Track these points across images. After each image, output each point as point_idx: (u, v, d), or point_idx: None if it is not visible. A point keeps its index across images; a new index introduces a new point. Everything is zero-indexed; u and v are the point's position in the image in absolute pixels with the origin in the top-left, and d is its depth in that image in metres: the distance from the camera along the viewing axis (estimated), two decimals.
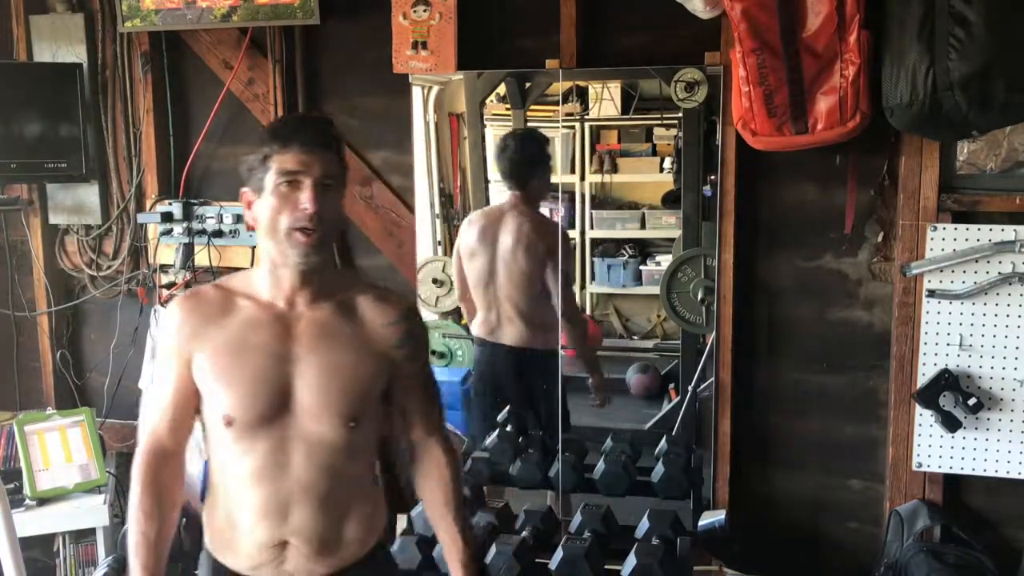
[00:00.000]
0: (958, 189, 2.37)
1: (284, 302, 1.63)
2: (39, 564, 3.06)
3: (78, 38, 3.05)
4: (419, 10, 2.65)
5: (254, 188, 1.60)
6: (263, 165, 1.57)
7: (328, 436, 1.61)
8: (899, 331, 2.42)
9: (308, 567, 1.66)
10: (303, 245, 1.56)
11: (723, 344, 2.55)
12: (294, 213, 1.55)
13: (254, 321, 1.62)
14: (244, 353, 1.61)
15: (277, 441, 1.61)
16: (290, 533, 1.63)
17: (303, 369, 1.61)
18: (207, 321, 1.63)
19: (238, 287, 1.67)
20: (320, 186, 1.56)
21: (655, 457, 2.71)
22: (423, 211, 2.92)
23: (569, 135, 3.04)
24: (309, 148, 1.55)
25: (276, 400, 1.60)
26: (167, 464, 1.69)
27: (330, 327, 1.63)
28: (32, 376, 3.29)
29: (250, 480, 1.62)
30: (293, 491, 1.62)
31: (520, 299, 2.94)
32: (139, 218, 3.07)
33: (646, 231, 3.12)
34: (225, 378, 1.61)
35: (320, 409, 1.61)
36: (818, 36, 2.18)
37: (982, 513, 2.46)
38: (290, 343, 1.61)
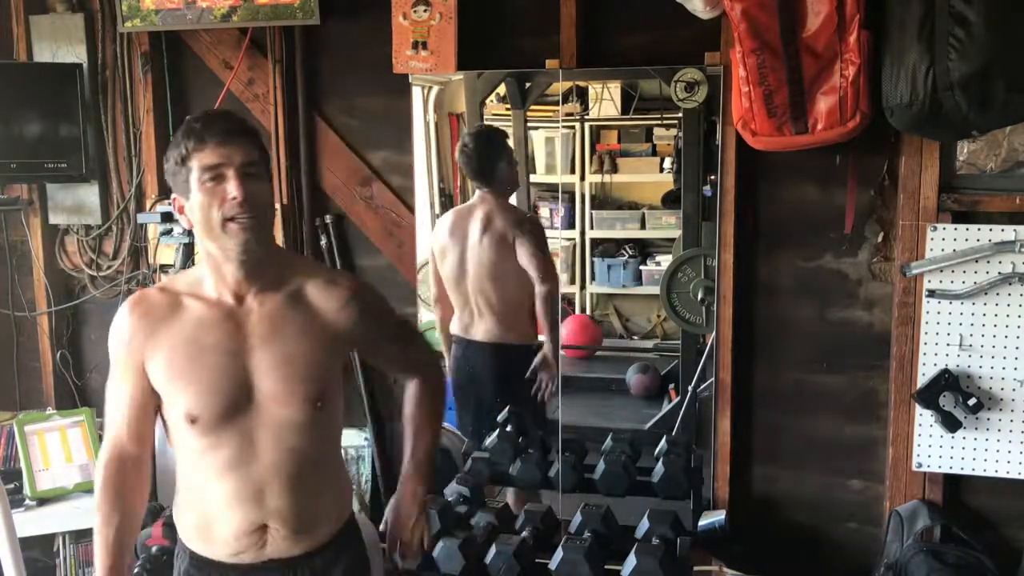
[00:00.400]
0: (958, 189, 2.37)
1: (232, 297, 1.64)
2: (39, 564, 3.05)
3: (78, 38, 3.05)
4: (419, 10, 2.65)
5: (181, 191, 1.61)
6: (184, 166, 1.58)
7: (294, 419, 1.64)
8: (899, 331, 2.42)
9: (288, 547, 1.68)
10: (240, 234, 1.57)
11: (723, 344, 2.55)
12: (223, 205, 1.55)
13: (205, 320, 1.63)
14: (199, 353, 1.62)
15: (244, 432, 1.63)
16: (268, 516, 1.66)
17: (260, 360, 1.62)
18: (157, 324, 1.64)
19: (184, 288, 1.68)
20: (243, 174, 1.56)
21: (655, 457, 2.71)
22: (423, 211, 2.92)
23: (569, 135, 3.04)
24: (225, 139, 1.56)
25: (237, 394, 1.62)
26: (129, 470, 1.71)
27: (282, 319, 1.65)
28: (32, 376, 3.29)
29: (221, 472, 1.64)
30: (265, 476, 1.64)
31: (491, 292, 2.95)
32: (139, 218, 3.07)
33: (646, 231, 3.12)
34: (183, 379, 1.62)
35: (285, 396, 1.63)
36: (818, 36, 2.18)
37: (982, 513, 2.46)
38: (244, 338, 1.63)
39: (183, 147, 1.57)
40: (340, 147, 2.90)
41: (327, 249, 2.94)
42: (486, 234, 2.92)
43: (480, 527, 2.53)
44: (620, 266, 3.16)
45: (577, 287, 3.17)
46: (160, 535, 2.68)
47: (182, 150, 1.57)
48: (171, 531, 2.67)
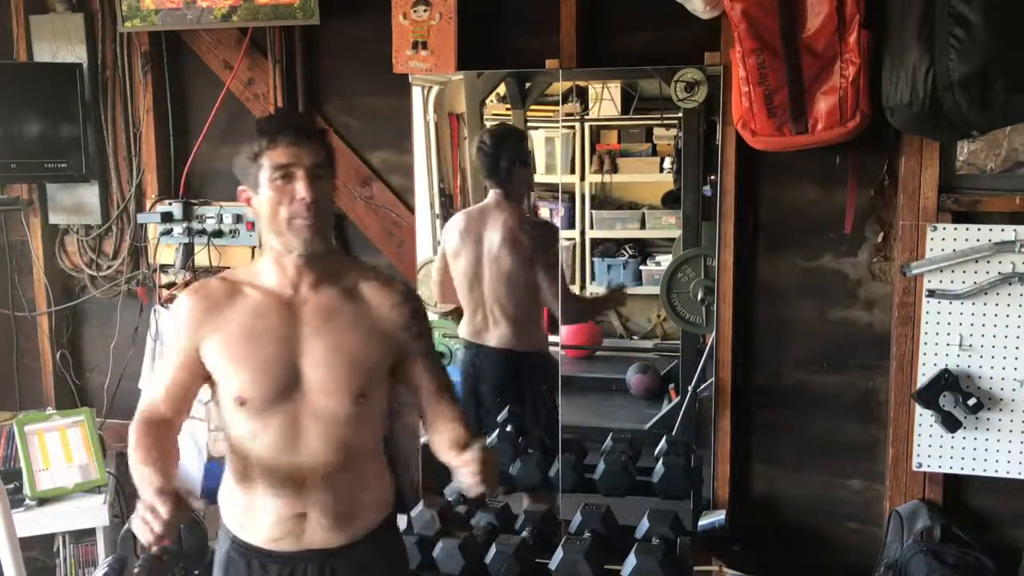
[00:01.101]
0: (958, 189, 2.37)
1: (289, 288, 1.71)
2: (39, 564, 3.06)
3: (78, 38, 3.05)
4: (419, 10, 2.65)
5: (250, 185, 1.68)
6: (255, 162, 1.65)
7: (338, 411, 1.68)
8: (899, 331, 2.42)
9: (326, 537, 1.72)
10: (304, 232, 1.63)
11: (723, 344, 2.55)
12: (291, 204, 1.62)
13: (261, 308, 1.70)
14: (253, 338, 1.68)
15: (290, 418, 1.68)
16: (308, 505, 1.70)
17: (310, 350, 1.68)
18: (215, 310, 1.70)
19: (243, 277, 1.75)
20: (312, 175, 1.63)
21: (655, 457, 2.71)
22: (423, 211, 2.92)
23: (569, 135, 3.04)
24: (297, 140, 1.63)
25: (286, 380, 1.67)
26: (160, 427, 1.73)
27: (334, 310, 1.71)
28: (32, 376, 3.29)
29: (266, 457, 1.69)
30: (308, 464, 1.69)
31: (506, 300, 2.91)
32: (139, 218, 3.07)
33: (646, 231, 3.12)
34: (237, 362, 1.68)
35: (329, 386, 1.68)
36: (818, 36, 2.18)
37: (982, 513, 2.46)
38: (297, 326, 1.69)
39: (256, 144, 1.64)
40: (340, 147, 2.89)
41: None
42: (504, 244, 2.87)
43: (480, 527, 2.53)
44: (620, 266, 3.16)
45: (577, 287, 3.17)
46: None
47: (255, 147, 1.64)
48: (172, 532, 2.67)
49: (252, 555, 1.75)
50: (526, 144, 2.91)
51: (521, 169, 2.89)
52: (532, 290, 2.87)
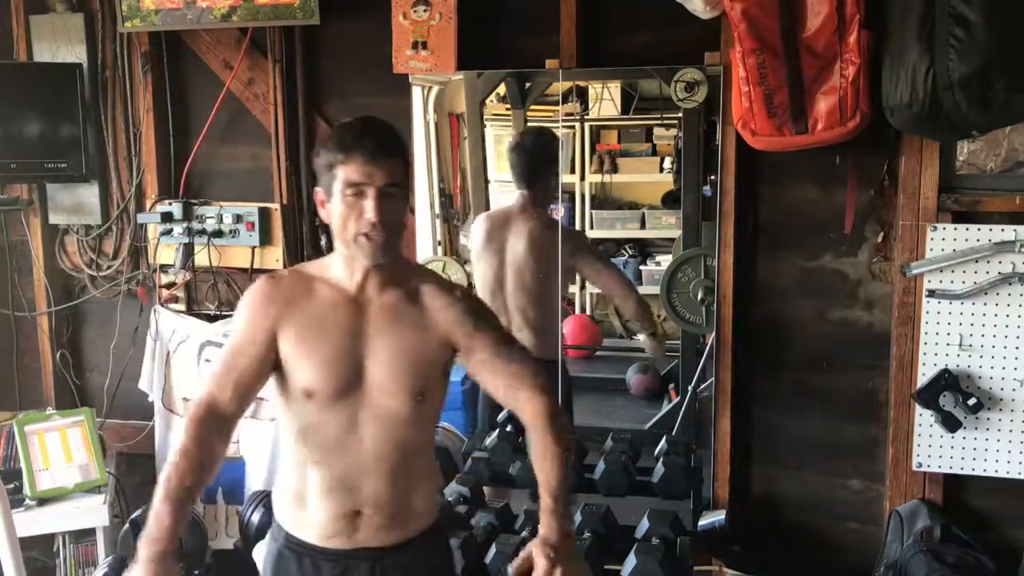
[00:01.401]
0: (958, 189, 2.37)
1: (357, 287, 1.73)
2: (39, 564, 3.06)
3: (78, 38, 3.05)
4: (419, 10, 2.65)
5: (325, 190, 1.69)
6: (330, 172, 1.65)
7: (397, 410, 1.70)
8: (899, 331, 2.42)
9: (379, 536, 1.74)
10: (369, 248, 1.66)
11: (723, 344, 2.55)
12: (359, 221, 1.64)
13: (331, 302, 1.73)
14: (324, 331, 1.71)
15: (351, 414, 1.70)
16: (362, 503, 1.72)
17: (374, 348, 1.70)
18: (292, 300, 1.73)
19: (314, 272, 1.78)
20: (383, 195, 1.63)
21: (655, 457, 2.71)
22: (423, 211, 2.92)
23: (569, 135, 3.04)
24: (371, 158, 1.63)
25: (351, 375, 1.69)
26: (218, 422, 1.70)
27: (398, 311, 1.73)
28: (32, 376, 3.29)
29: (325, 451, 1.71)
30: (365, 462, 1.70)
31: (529, 307, 2.90)
32: (139, 218, 3.07)
33: (646, 231, 3.13)
34: (308, 354, 1.70)
35: (390, 385, 1.70)
36: (818, 36, 2.18)
37: (982, 513, 2.46)
38: (363, 324, 1.71)
39: (332, 155, 1.64)
40: None
41: (327, 249, 2.93)
42: (530, 252, 2.86)
43: (480, 527, 2.53)
44: (620, 266, 3.16)
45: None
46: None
47: (331, 157, 1.65)
48: None
49: (304, 552, 1.76)
50: (558, 148, 2.90)
51: (551, 174, 2.89)
52: (553, 298, 2.85)
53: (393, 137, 1.70)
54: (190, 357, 3.05)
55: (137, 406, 3.15)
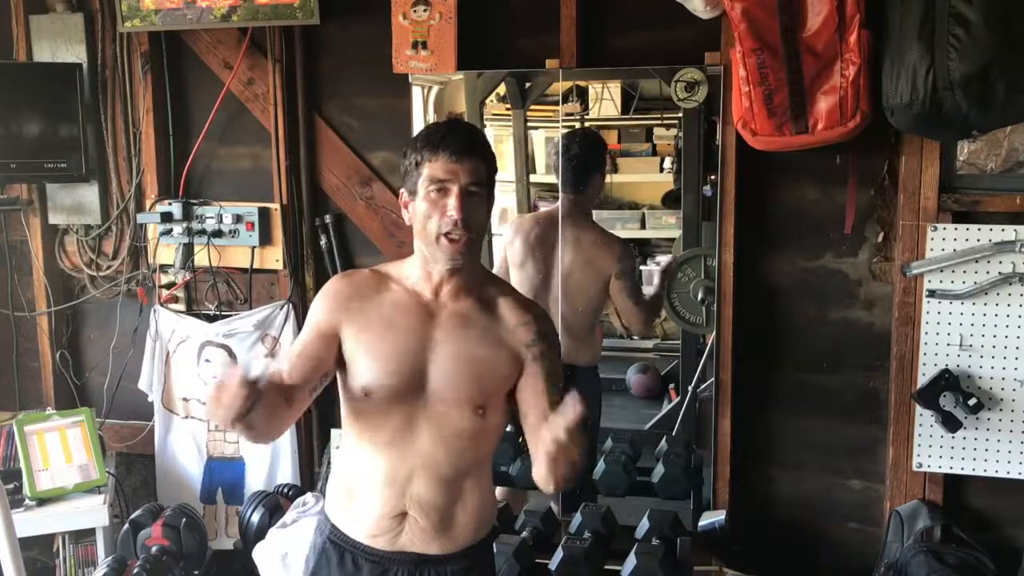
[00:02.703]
0: (958, 189, 2.37)
1: (431, 292, 1.72)
2: (39, 564, 3.06)
3: (78, 38, 3.05)
4: (419, 10, 2.65)
5: (409, 190, 1.69)
6: (416, 170, 1.66)
7: (455, 420, 1.70)
8: (899, 331, 2.42)
9: (422, 541, 1.73)
10: (450, 249, 1.65)
11: (723, 344, 2.55)
12: (442, 219, 1.63)
13: (402, 304, 1.72)
14: (389, 332, 1.70)
15: (408, 417, 1.69)
16: (409, 504, 1.71)
17: (439, 355, 1.69)
18: (361, 298, 1.73)
19: (392, 273, 1.78)
20: (466, 193, 1.63)
21: (655, 457, 2.71)
22: None
23: None
24: (458, 156, 1.62)
25: (411, 379, 1.68)
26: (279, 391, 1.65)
27: (468, 319, 1.72)
28: (32, 376, 3.29)
29: (378, 450, 1.71)
30: (416, 465, 1.70)
31: (571, 314, 2.85)
32: (139, 218, 3.07)
33: (646, 231, 3.12)
34: (370, 352, 1.70)
35: (451, 393, 1.69)
36: (818, 36, 2.18)
37: (982, 513, 2.46)
38: (431, 328, 1.70)
39: (419, 153, 1.65)
40: (340, 147, 2.90)
41: (327, 249, 2.94)
42: (578, 259, 2.82)
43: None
44: None
45: None
46: (160, 535, 2.68)
47: (418, 156, 1.65)
48: (171, 531, 2.68)
49: (347, 548, 1.76)
50: (604, 151, 2.89)
51: (599, 178, 2.87)
52: (594, 305, 2.84)
53: (479, 138, 1.71)
54: (190, 357, 3.05)
55: (137, 406, 3.15)
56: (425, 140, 1.66)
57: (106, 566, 2.64)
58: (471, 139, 1.68)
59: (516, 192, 3.01)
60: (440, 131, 1.66)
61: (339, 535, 1.77)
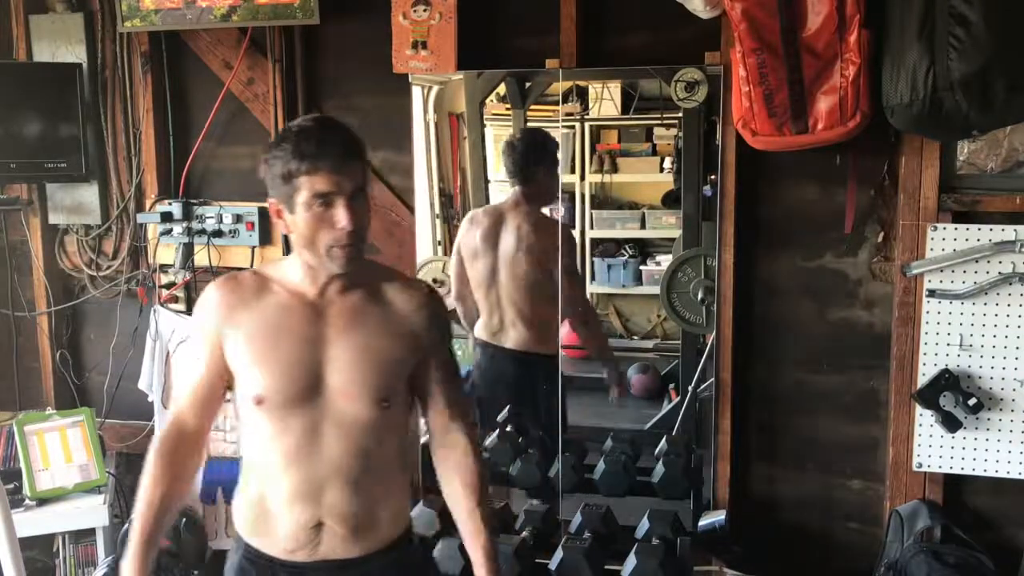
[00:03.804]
0: (958, 189, 2.37)
1: (317, 291, 1.68)
2: (39, 564, 3.06)
3: (78, 38, 3.05)
4: (419, 10, 2.65)
5: (282, 202, 1.61)
6: (290, 183, 1.56)
7: (360, 416, 1.65)
8: (899, 331, 2.42)
9: (343, 548, 1.69)
10: (341, 259, 1.60)
11: (723, 344, 2.55)
12: (332, 232, 1.58)
13: (287, 306, 1.67)
14: (277, 336, 1.65)
15: (310, 422, 1.64)
16: (325, 514, 1.67)
17: (334, 351, 1.65)
18: (241, 304, 1.67)
19: (273, 274, 1.72)
20: (352, 200, 1.58)
21: (655, 457, 2.71)
22: (423, 211, 2.92)
23: (569, 135, 3.04)
24: (338, 165, 1.56)
25: (308, 381, 1.64)
26: (185, 440, 1.71)
27: (360, 312, 1.68)
28: (32, 376, 3.29)
29: (285, 461, 1.66)
30: (326, 472, 1.65)
31: (523, 302, 2.92)
32: (139, 218, 3.07)
33: (646, 231, 3.12)
34: (258, 359, 1.65)
35: (352, 389, 1.65)
36: (818, 36, 2.18)
37: (982, 513, 2.46)
38: (322, 327, 1.66)
39: (292, 165, 1.55)
40: None
41: None
42: (521, 247, 2.88)
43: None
44: (620, 266, 3.16)
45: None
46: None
47: (291, 167, 1.55)
48: (171, 531, 2.68)
49: (265, 565, 1.71)
50: (553, 150, 2.89)
51: (545, 172, 2.88)
52: (548, 293, 2.85)
53: (353, 139, 1.62)
54: (190, 357, 3.05)
55: (137, 406, 3.15)
56: (298, 152, 1.55)
57: (106, 566, 2.65)
58: (347, 144, 1.59)
59: None
60: (312, 140, 1.56)
61: (254, 553, 1.72)
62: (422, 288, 1.78)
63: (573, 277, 2.86)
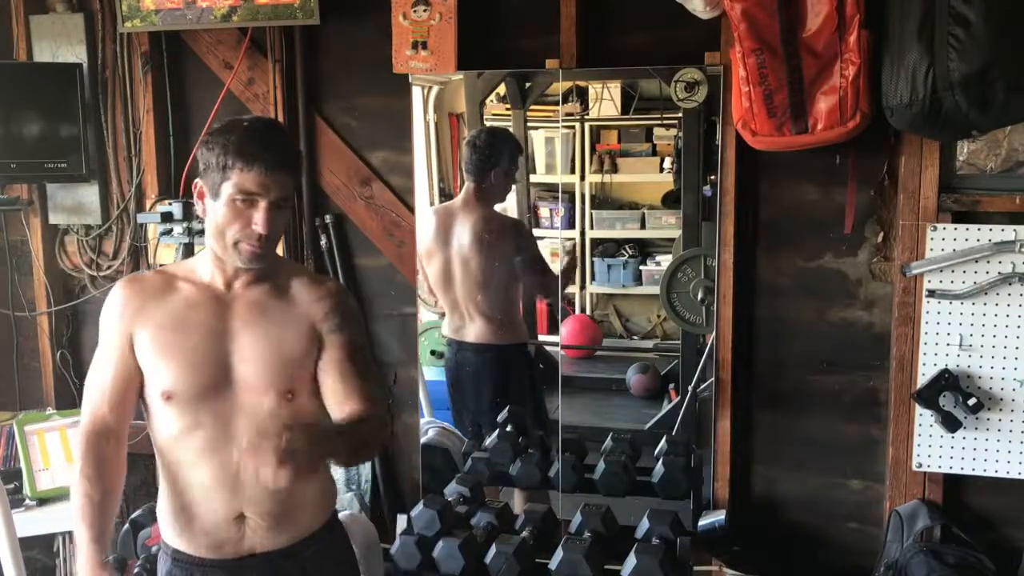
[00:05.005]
0: (958, 189, 2.37)
1: (223, 284, 1.71)
2: (39, 564, 3.06)
3: (78, 38, 3.05)
4: (419, 10, 2.65)
5: (208, 185, 1.63)
6: (221, 172, 1.59)
7: (267, 407, 1.66)
8: (899, 331, 2.42)
9: (269, 540, 1.70)
10: (248, 254, 1.63)
11: (723, 344, 2.55)
12: (244, 229, 1.61)
13: (193, 301, 1.69)
14: (184, 330, 1.67)
15: (220, 415, 1.66)
16: (245, 504, 1.68)
17: (240, 344, 1.67)
18: (148, 301, 1.69)
19: (179, 272, 1.75)
20: (274, 207, 1.61)
21: (655, 457, 2.71)
22: (423, 211, 2.92)
23: (569, 135, 3.04)
24: (271, 170, 1.58)
25: (215, 374, 1.65)
26: (108, 439, 1.72)
27: (264, 305, 1.70)
28: (32, 376, 3.29)
29: (199, 456, 1.67)
30: (240, 463, 1.65)
31: (480, 297, 2.95)
32: (139, 218, 3.07)
33: (646, 231, 3.13)
34: (166, 354, 1.66)
35: (258, 382, 1.66)
36: (818, 36, 2.18)
37: (982, 513, 2.46)
38: (227, 320, 1.68)
39: (228, 158, 1.58)
40: (340, 147, 2.90)
41: (327, 249, 2.93)
42: (473, 241, 2.91)
43: (480, 527, 2.53)
44: (620, 266, 3.16)
45: (577, 287, 3.17)
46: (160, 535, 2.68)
47: (227, 160, 1.58)
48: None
49: (195, 568, 1.71)
50: (511, 150, 2.92)
51: (501, 173, 2.91)
52: (503, 285, 2.91)
53: (291, 149, 1.66)
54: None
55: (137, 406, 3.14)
56: (237, 147, 1.57)
57: None
58: (284, 151, 1.63)
59: (516, 192, 3.01)
60: (254, 140, 1.59)
61: (183, 556, 1.72)
62: (327, 282, 1.81)
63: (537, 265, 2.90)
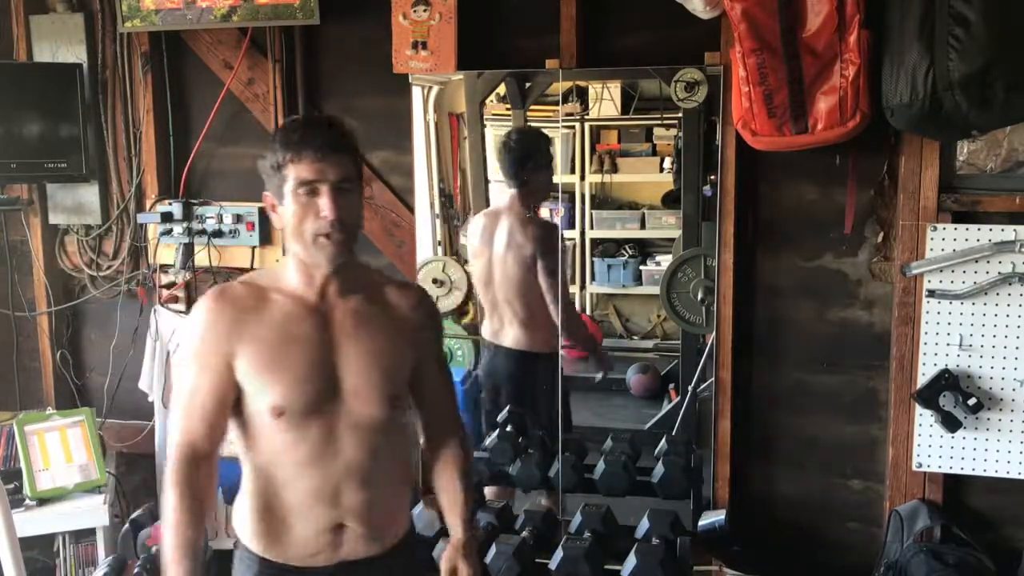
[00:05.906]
0: (958, 189, 2.37)
1: (316, 295, 1.67)
2: (39, 564, 3.05)
3: (78, 38, 3.05)
4: (419, 10, 2.65)
5: (274, 193, 1.64)
6: (279, 173, 1.60)
7: (375, 417, 1.67)
8: (899, 331, 2.42)
9: (363, 549, 1.70)
10: (328, 249, 1.61)
11: (723, 344, 2.55)
12: (316, 220, 1.59)
13: (291, 314, 1.65)
14: (287, 346, 1.63)
15: (327, 427, 1.64)
16: (345, 515, 1.67)
17: (346, 355, 1.66)
18: (242, 316, 1.64)
19: (266, 282, 1.70)
20: (337, 190, 1.59)
21: (655, 457, 2.71)
22: (423, 211, 2.92)
23: (569, 135, 3.04)
24: (322, 154, 1.58)
25: (325, 387, 1.64)
26: (202, 468, 1.66)
27: (364, 315, 1.69)
28: (32, 376, 3.29)
29: (303, 467, 1.65)
30: (344, 474, 1.66)
31: (516, 302, 2.95)
32: (139, 218, 3.07)
33: (646, 231, 3.12)
34: (271, 372, 1.62)
35: (366, 392, 1.66)
36: (818, 36, 2.18)
37: (982, 513, 2.46)
38: (331, 331, 1.66)
39: (280, 155, 1.59)
40: None
41: None
42: (509, 249, 2.91)
43: (480, 527, 2.53)
44: (620, 266, 3.16)
45: (577, 287, 3.17)
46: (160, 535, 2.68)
47: (279, 158, 1.59)
48: None
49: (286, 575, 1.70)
50: (548, 150, 2.90)
51: (540, 173, 2.90)
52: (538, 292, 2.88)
53: (342, 132, 1.64)
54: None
55: (137, 406, 3.15)
56: (284, 141, 1.60)
57: (106, 566, 2.65)
58: (333, 134, 1.62)
59: None
60: (297, 130, 1.61)
61: (270, 565, 1.70)
62: (417, 289, 1.86)
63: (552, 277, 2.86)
